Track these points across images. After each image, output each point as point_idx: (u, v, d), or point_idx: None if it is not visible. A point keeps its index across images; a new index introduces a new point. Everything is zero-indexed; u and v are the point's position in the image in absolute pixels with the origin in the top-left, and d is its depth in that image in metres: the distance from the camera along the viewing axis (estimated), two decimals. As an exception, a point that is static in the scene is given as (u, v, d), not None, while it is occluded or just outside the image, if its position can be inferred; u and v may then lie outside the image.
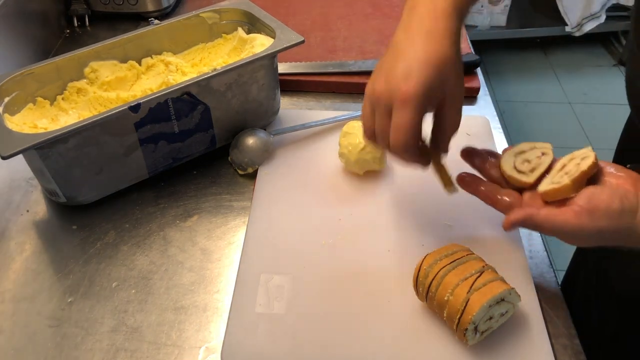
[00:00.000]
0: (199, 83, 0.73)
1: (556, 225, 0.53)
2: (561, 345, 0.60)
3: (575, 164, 0.57)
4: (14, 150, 0.62)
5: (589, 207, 0.52)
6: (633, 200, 0.52)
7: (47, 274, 0.68)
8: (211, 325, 0.62)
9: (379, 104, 0.56)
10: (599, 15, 2.31)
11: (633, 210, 0.51)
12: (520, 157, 0.63)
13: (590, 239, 0.54)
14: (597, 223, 0.51)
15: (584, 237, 0.54)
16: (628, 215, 0.51)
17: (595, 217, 0.51)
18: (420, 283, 0.59)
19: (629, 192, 0.52)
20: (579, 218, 0.52)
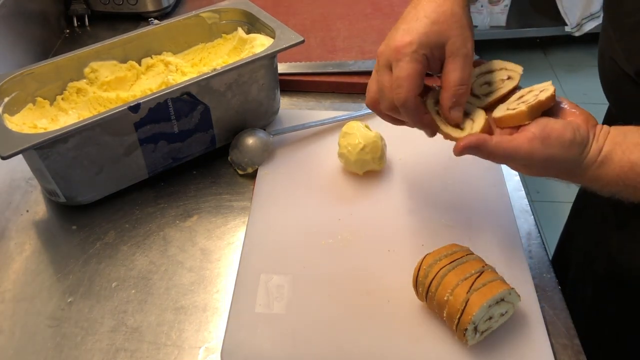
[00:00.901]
0: (199, 83, 0.73)
1: (508, 151, 0.53)
2: (561, 345, 0.60)
3: (534, 95, 0.57)
4: (13, 150, 0.62)
5: (542, 134, 0.52)
6: (584, 133, 0.53)
7: (47, 274, 0.68)
8: (211, 325, 0.62)
9: (380, 63, 0.58)
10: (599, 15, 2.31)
11: (583, 144, 0.53)
12: (483, 78, 0.61)
13: (540, 167, 0.55)
14: (549, 150, 0.52)
15: (534, 165, 0.54)
16: (578, 147, 0.52)
17: (547, 144, 0.52)
18: (420, 283, 0.59)
19: (580, 126, 0.54)
20: (532, 144, 0.52)
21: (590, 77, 2.78)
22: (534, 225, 0.72)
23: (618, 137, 0.53)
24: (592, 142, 0.53)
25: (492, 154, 0.54)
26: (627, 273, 0.71)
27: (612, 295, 0.75)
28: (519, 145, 0.53)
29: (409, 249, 0.68)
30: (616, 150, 0.52)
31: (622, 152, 0.52)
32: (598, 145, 0.53)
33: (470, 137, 0.54)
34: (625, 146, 0.52)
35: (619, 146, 0.53)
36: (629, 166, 0.52)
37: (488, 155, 0.54)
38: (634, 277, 0.70)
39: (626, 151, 0.52)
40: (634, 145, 0.52)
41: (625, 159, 0.52)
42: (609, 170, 0.53)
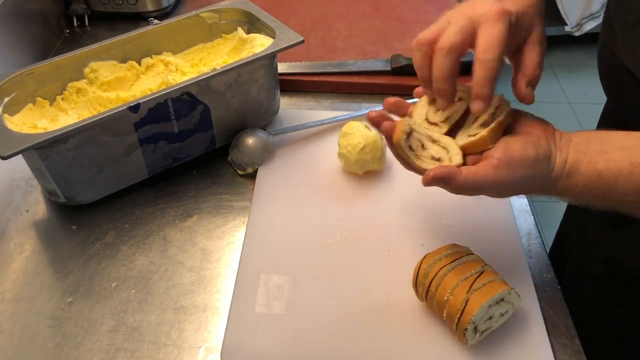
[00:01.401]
0: (199, 83, 0.73)
1: (477, 183, 0.52)
2: (561, 345, 0.60)
3: (489, 113, 0.56)
4: (13, 151, 0.62)
5: (505, 158, 0.52)
6: (546, 146, 0.53)
7: (47, 274, 0.68)
8: (211, 325, 0.62)
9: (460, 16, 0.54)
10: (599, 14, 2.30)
11: (547, 157, 0.52)
12: (435, 105, 0.58)
13: (512, 190, 0.55)
14: (516, 173, 0.52)
15: (506, 189, 0.54)
16: (542, 163, 0.52)
17: (512, 168, 0.51)
18: (420, 283, 0.59)
19: (540, 139, 0.53)
20: (498, 171, 0.51)
21: (590, 77, 2.79)
22: (533, 225, 0.72)
23: (581, 145, 0.53)
24: (555, 154, 0.53)
25: (460, 187, 0.52)
26: (626, 273, 0.71)
27: (612, 295, 0.75)
28: (486, 175, 0.52)
29: (409, 249, 0.68)
30: (581, 159, 0.52)
31: (587, 161, 0.52)
32: (562, 156, 0.53)
33: (441, 169, 0.52)
34: (590, 155, 0.52)
35: (584, 155, 0.52)
36: (596, 175, 0.51)
37: (457, 188, 0.53)
38: (632, 277, 0.70)
39: (592, 160, 0.51)
40: (598, 153, 0.52)
41: (592, 168, 0.51)
42: (577, 180, 0.52)
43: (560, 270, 0.68)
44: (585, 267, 0.81)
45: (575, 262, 0.84)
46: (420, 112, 0.59)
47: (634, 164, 0.50)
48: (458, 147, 0.56)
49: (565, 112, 2.51)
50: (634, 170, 0.49)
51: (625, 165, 0.50)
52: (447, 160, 0.55)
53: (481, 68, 0.53)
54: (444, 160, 0.55)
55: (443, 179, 0.52)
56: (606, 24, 0.71)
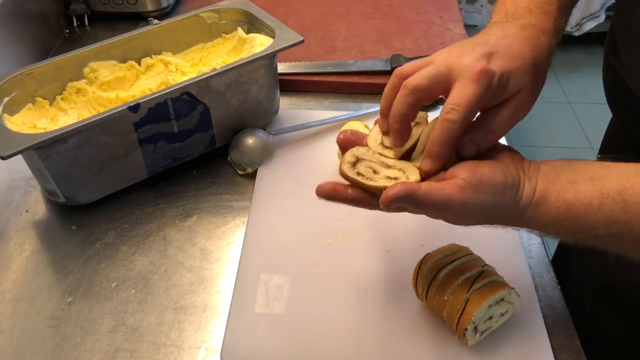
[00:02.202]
0: (199, 83, 0.73)
1: (439, 201, 0.48)
2: (561, 345, 0.60)
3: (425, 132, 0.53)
4: (13, 151, 0.62)
5: (473, 180, 0.48)
6: (515, 173, 0.50)
7: (47, 274, 0.68)
8: (211, 325, 0.62)
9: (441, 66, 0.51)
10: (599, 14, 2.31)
11: (515, 185, 0.49)
12: None
13: (476, 215, 0.51)
14: (481, 197, 0.48)
15: (470, 214, 0.50)
16: (510, 190, 0.49)
17: (479, 191, 0.48)
18: (419, 283, 0.59)
19: (509, 165, 0.50)
20: (464, 192, 0.48)
21: (590, 77, 2.80)
22: (533, 225, 0.72)
23: (551, 174, 0.50)
24: (524, 182, 0.50)
25: (423, 203, 0.48)
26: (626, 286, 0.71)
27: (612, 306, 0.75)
28: (450, 194, 0.48)
29: (408, 249, 0.68)
30: (550, 189, 0.49)
31: (557, 191, 0.49)
32: (531, 185, 0.49)
33: (400, 186, 0.48)
34: (560, 184, 0.49)
35: (553, 184, 0.49)
36: (566, 206, 0.48)
37: (418, 205, 0.48)
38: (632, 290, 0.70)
39: (561, 190, 0.49)
40: (568, 183, 0.49)
41: (561, 199, 0.48)
42: (545, 211, 0.49)
43: (562, 279, 0.68)
44: (585, 277, 0.80)
45: (576, 272, 0.84)
46: (376, 137, 0.55)
47: (604, 194, 0.47)
48: (415, 167, 0.52)
49: (565, 112, 2.51)
50: (603, 201, 0.47)
51: (596, 196, 0.47)
52: (404, 179, 0.51)
53: (440, 127, 0.49)
54: (400, 179, 0.51)
55: (403, 197, 0.47)
56: (610, 39, 0.70)
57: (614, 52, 0.68)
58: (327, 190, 0.52)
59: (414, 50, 1.00)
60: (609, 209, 0.47)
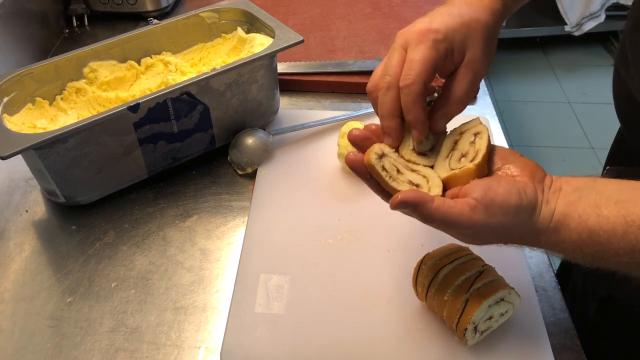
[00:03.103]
0: (198, 83, 0.73)
1: (448, 218, 0.47)
2: (561, 345, 0.60)
3: (469, 141, 0.53)
4: (13, 151, 0.62)
5: (485, 200, 0.47)
6: (531, 195, 0.48)
7: (46, 274, 0.68)
8: (210, 325, 0.62)
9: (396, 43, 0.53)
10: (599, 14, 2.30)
11: (531, 208, 0.47)
12: None
13: (486, 236, 0.49)
14: (493, 219, 0.47)
15: (480, 235, 0.49)
16: (525, 212, 0.47)
17: (491, 213, 0.46)
18: (419, 283, 0.59)
19: (527, 186, 0.48)
20: (474, 212, 0.46)
21: (590, 77, 2.81)
22: (533, 225, 0.72)
23: (572, 196, 0.48)
24: (541, 205, 0.48)
25: (430, 217, 0.47)
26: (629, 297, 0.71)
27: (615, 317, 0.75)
28: (460, 213, 0.47)
29: (409, 249, 0.68)
30: (572, 214, 0.47)
31: (578, 216, 0.46)
32: (549, 208, 0.48)
33: (412, 192, 0.48)
34: (582, 209, 0.47)
35: (574, 209, 0.47)
36: (587, 233, 0.46)
37: (425, 217, 0.48)
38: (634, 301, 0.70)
39: (583, 215, 0.46)
40: (591, 207, 0.46)
41: (582, 224, 0.46)
42: (565, 236, 0.47)
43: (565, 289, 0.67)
44: (589, 287, 0.80)
45: (579, 281, 0.84)
46: (408, 143, 0.55)
47: (628, 221, 0.45)
48: (439, 179, 0.52)
49: (565, 112, 2.51)
50: (628, 229, 0.45)
51: (620, 223, 0.45)
52: (426, 189, 0.51)
53: (402, 96, 0.50)
54: (422, 188, 0.51)
55: (412, 204, 0.47)
56: (621, 52, 0.70)
57: (625, 66, 0.68)
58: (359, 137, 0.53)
59: (413, 50, 0.99)
60: (634, 237, 0.45)
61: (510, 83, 2.65)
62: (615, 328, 0.75)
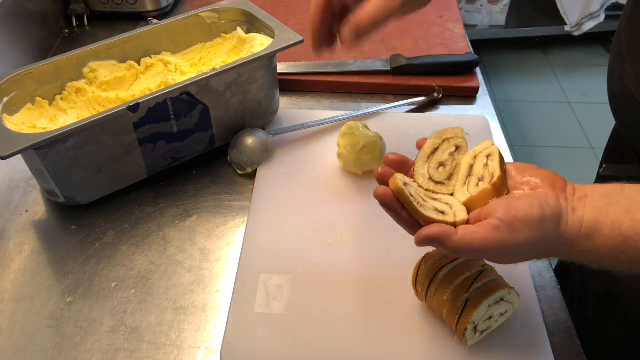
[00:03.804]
0: (198, 83, 0.73)
1: (475, 246, 0.47)
2: (561, 345, 0.60)
3: (482, 164, 0.54)
4: (12, 151, 0.62)
5: (507, 218, 0.46)
6: (554, 205, 0.47)
7: (46, 274, 0.68)
8: (210, 325, 0.62)
9: None
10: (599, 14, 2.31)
11: (556, 217, 0.47)
12: (434, 159, 0.56)
13: (517, 254, 0.49)
14: (519, 236, 0.46)
15: (510, 254, 0.48)
16: (550, 222, 0.46)
17: (515, 230, 0.46)
18: (419, 283, 0.59)
19: (548, 197, 0.47)
20: (498, 233, 0.46)
21: (590, 77, 2.81)
22: (533, 224, 0.72)
23: (600, 202, 0.47)
24: (567, 213, 0.47)
25: (457, 249, 0.47)
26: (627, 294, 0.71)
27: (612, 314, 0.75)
28: (485, 237, 0.46)
29: (408, 249, 0.67)
30: (603, 220, 0.46)
31: (611, 222, 0.46)
32: (577, 215, 0.47)
33: (435, 228, 0.48)
34: (614, 215, 0.46)
35: (605, 215, 0.46)
36: (622, 240, 0.45)
37: (452, 250, 0.48)
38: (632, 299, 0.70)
39: (616, 221, 0.45)
40: (623, 212, 0.46)
41: (616, 230, 0.45)
42: (598, 243, 0.46)
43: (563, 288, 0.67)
44: (587, 285, 0.80)
45: (577, 280, 0.84)
46: (423, 173, 0.55)
47: None
48: (461, 204, 0.52)
49: (565, 112, 2.51)
50: None
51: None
52: (452, 215, 0.51)
53: None
54: (447, 214, 0.51)
55: (437, 239, 0.47)
56: (616, 49, 0.70)
57: (620, 63, 0.68)
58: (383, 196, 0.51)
59: (413, 50, 0.99)
60: None
61: (510, 83, 2.65)
62: (613, 326, 0.75)
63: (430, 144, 0.57)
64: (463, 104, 0.92)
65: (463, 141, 0.57)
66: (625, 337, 0.73)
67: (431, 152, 0.57)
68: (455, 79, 0.93)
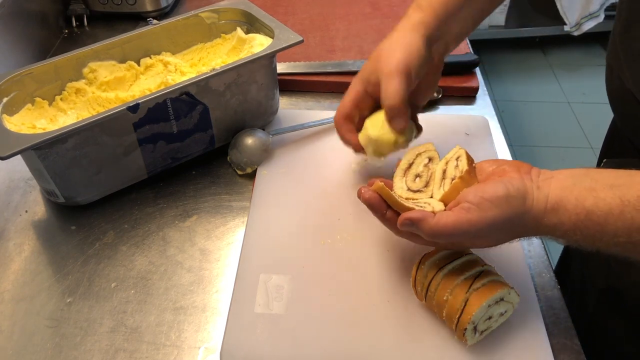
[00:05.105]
0: (198, 83, 0.73)
1: (448, 227, 0.51)
2: (561, 345, 0.60)
3: (453, 166, 0.59)
4: (12, 151, 0.62)
5: (475, 199, 0.51)
6: (518, 184, 0.51)
7: (46, 275, 0.68)
8: (210, 325, 0.62)
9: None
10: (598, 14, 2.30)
11: (520, 194, 0.51)
12: (410, 173, 0.62)
13: (490, 234, 0.53)
14: (488, 213, 0.50)
15: (483, 234, 0.52)
16: (515, 199, 0.50)
17: (484, 208, 0.50)
18: (419, 282, 0.59)
19: (513, 178, 0.52)
20: (470, 213, 0.51)
21: (590, 77, 2.80)
22: (533, 224, 0.72)
23: (566, 181, 0.51)
24: (532, 190, 0.51)
25: (432, 231, 0.52)
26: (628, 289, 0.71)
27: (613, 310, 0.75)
28: (458, 218, 0.51)
29: (408, 249, 0.68)
30: (568, 197, 0.49)
31: (575, 198, 0.49)
32: (543, 193, 0.51)
33: (413, 212, 0.53)
34: (578, 192, 0.49)
35: (570, 192, 0.49)
36: (585, 214, 0.48)
37: (429, 233, 0.53)
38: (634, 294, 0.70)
39: (579, 197, 0.49)
40: (586, 190, 0.49)
41: (580, 206, 0.49)
42: (564, 218, 0.49)
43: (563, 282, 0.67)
44: (587, 280, 0.80)
45: (577, 274, 0.84)
46: (401, 186, 0.62)
47: (624, 202, 0.47)
48: (438, 201, 0.58)
49: (565, 112, 2.51)
50: (624, 209, 0.47)
51: (616, 203, 0.47)
52: (431, 208, 0.56)
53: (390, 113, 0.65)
54: (427, 209, 0.56)
55: (416, 221, 0.53)
56: (612, 49, 0.70)
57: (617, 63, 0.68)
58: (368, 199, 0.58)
59: (413, 50, 0.99)
60: (630, 216, 0.47)
61: (509, 83, 2.65)
62: (614, 322, 0.75)
63: (405, 161, 0.63)
64: (463, 104, 0.92)
65: (434, 153, 0.63)
66: (626, 334, 0.73)
67: (407, 167, 0.63)
68: (455, 79, 0.93)
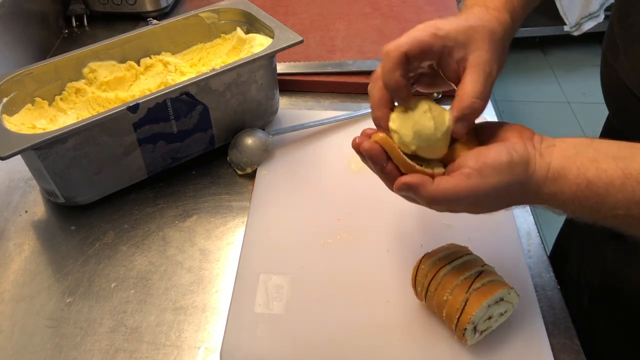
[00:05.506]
0: (198, 83, 0.73)
1: (448, 193, 0.49)
2: (561, 345, 0.60)
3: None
4: (12, 151, 0.62)
5: (477, 165, 0.49)
6: (521, 150, 0.49)
7: (46, 275, 0.68)
8: (210, 325, 0.62)
9: None
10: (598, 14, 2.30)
11: (523, 161, 0.49)
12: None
13: (489, 200, 0.51)
14: (489, 180, 0.48)
15: (483, 201, 0.50)
16: (518, 167, 0.49)
17: (485, 175, 0.48)
18: (419, 282, 0.59)
19: (516, 144, 0.50)
20: (470, 179, 0.48)
21: (589, 77, 2.80)
22: (533, 224, 0.72)
23: (569, 151, 0.50)
24: (535, 157, 0.50)
25: (431, 196, 0.49)
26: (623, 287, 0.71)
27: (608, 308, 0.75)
28: (458, 184, 0.49)
29: (408, 249, 0.68)
30: (570, 166, 0.48)
31: (576, 168, 0.48)
32: (544, 160, 0.49)
33: (411, 177, 0.50)
34: (580, 162, 0.48)
35: (572, 162, 0.48)
36: (586, 184, 0.47)
37: (427, 199, 0.50)
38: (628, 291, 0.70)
39: (581, 167, 0.48)
40: (589, 160, 0.48)
41: (581, 176, 0.48)
42: (564, 187, 0.48)
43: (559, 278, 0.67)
44: (583, 276, 0.80)
45: (574, 270, 0.84)
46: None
47: (626, 174, 0.46)
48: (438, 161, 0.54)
49: (564, 112, 2.51)
50: (626, 181, 0.46)
51: (618, 175, 0.47)
52: (430, 169, 0.52)
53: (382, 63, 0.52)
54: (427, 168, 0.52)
55: (414, 187, 0.50)
56: (608, 40, 0.70)
57: (613, 53, 0.68)
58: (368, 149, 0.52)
59: (413, 50, 0.99)
60: (631, 189, 0.46)
61: (509, 83, 2.65)
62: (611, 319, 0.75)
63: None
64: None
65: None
66: (625, 332, 0.73)
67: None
68: (455, 79, 0.93)
